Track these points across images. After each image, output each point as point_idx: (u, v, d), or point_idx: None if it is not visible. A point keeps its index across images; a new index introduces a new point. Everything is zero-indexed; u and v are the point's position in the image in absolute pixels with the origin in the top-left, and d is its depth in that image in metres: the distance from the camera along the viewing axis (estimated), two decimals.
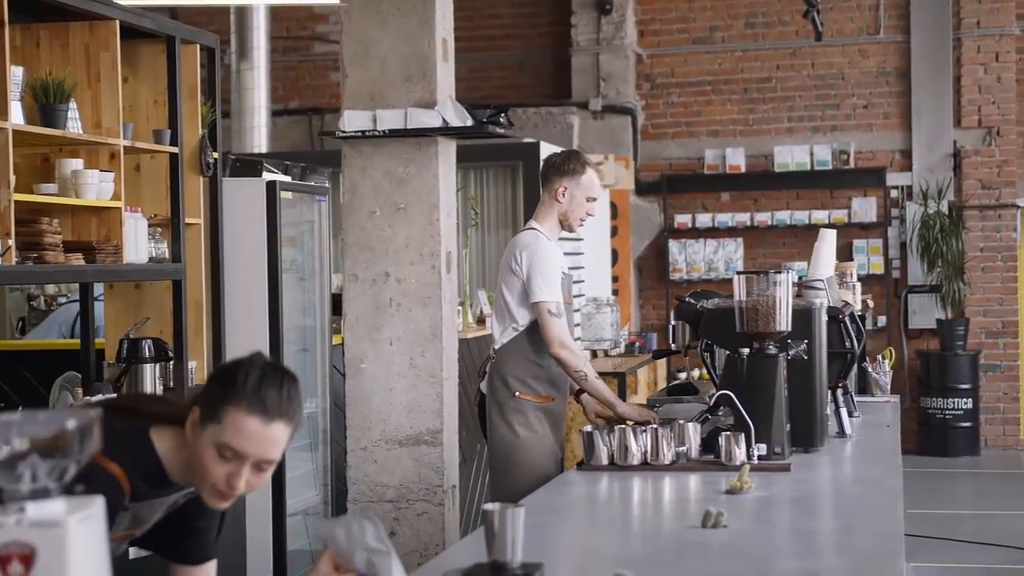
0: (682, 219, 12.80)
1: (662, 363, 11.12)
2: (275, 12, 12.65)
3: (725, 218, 12.71)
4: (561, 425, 5.31)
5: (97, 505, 1.81)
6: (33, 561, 1.72)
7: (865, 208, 12.50)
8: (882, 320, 12.42)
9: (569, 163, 5.26)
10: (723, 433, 4.23)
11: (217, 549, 2.89)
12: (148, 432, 2.66)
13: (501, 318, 5.23)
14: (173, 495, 2.72)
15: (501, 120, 6.04)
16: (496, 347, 5.25)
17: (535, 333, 5.15)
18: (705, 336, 4.77)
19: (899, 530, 3.21)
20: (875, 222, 12.47)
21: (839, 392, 5.05)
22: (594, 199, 5.28)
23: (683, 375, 12.07)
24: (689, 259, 12.81)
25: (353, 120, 5.72)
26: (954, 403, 12.08)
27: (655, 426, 4.32)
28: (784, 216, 12.59)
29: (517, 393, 5.15)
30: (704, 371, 11.81)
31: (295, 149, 12.46)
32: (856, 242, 12.48)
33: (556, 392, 5.21)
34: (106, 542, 1.82)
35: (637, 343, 10.87)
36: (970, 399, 12.10)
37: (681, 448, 4.27)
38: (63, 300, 8.66)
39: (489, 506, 2.72)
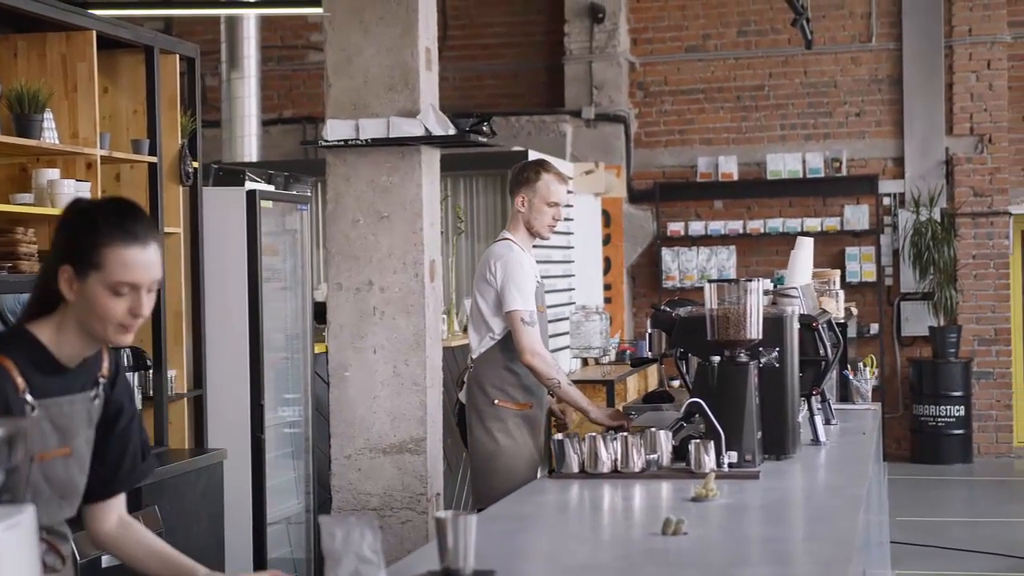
0: (675, 227, 12.82)
1: (653, 371, 11.13)
2: (269, 21, 12.69)
3: (718, 226, 12.73)
4: (540, 432, 5.36)
5: (27, 514, 1.83)
6: None
7: (858, 216, 12.51)
8: (875, 327, 12.43)
9: (524, 172, 5.37)
10: (693, 441, 4.24)
11: (135, 478, 2.90)
12: (24, 327, 2.70)
13: (477, 328, 5.33)
14: (80, 393, 2.73)
15: (484, 129, 6.05)
16: (474, 356, 5.33)
17: (511, 342, 5.20)
18: (678, 344, 4.78)
19: (854, 537, 3.21)
20: (867, 230, 12.48)
21: (814, 400, 5.06)
22: (555, 204, 5.34)
23: (676, 383, 12.08)
24: (682, 267, 12.83)
25: (336, 129, 5.74)
26: (947, 410, 12.08)
27: (626, 434, 4.33)
28: (777, 224, 12.61)
29: (496, 401, 5.22)
30: None
31: (289, 158, 12.49)
32: (848, 250, 12.49)
33: (533, 399, 5.27)
34: (34, 548, 1.84)
35: (628, 351, 10.87)
36: (963, 406, 12.11)
37: (652, 456, 4.28)
38: None
39: (441, 514, 2.74)
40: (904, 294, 12.51)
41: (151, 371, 5.52)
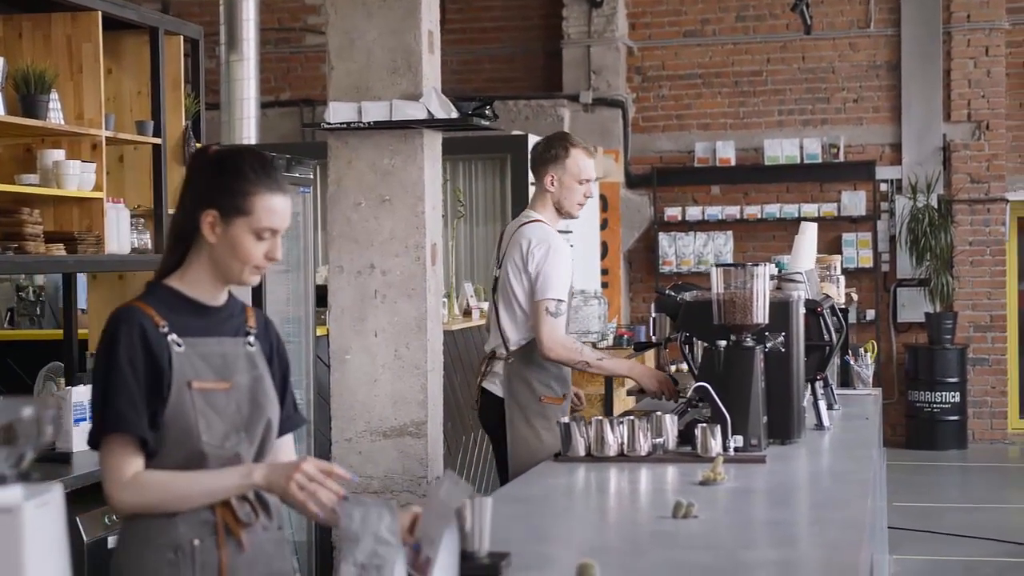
0: (672, 212, 12.83)
1: (651, 355, 11.15)
2: (267, 4, 12.64)
3: (715, 211, 12.74)
4: None
5: (55, 493, 1.83)
6: None
7: (855, 202, 12.52)
8: (871, 313, 12.45)
9: (551, 149, 5.15)
10: (699, 425, 4.25)
11: (294, 422, 3.03)
12: (156, 282, 2.88)
13: (513, 317, 5.09)
14: (232, 338, 2.88)
15: (486, 112, 6.05)
16: (511, 347, 5.10)
17: None
18: (684, 328, 4.77)
19: (864, 521, 3.23)
20: (864, 216, 12.50)
21: (818, 384, 5.07)
22: (587, 180, 5.15)
23: (673, 367, 12.10)
24: (679, 252, 12.84)
25: (339, 112, 5.73)
26: (942, 396, 12.12)
27: (631, 418, 4.33)
28: (774, 209, 12.62)
29: (542, 398, 5.06)
30: None
31: (286, 140, 12.47)
32: (845, 235, 12.51)
33: (567, 390, 5.17)
34: (63, 527, 1.84)
35: (626, 336, 10.89)
36: (958, 393, 12.14)
37: (658, 440, 4.29)
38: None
39: None
40: (900, 280, 12.54)
41: None
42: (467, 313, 8.09)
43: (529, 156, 5.30)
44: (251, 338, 2.92)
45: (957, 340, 12.27)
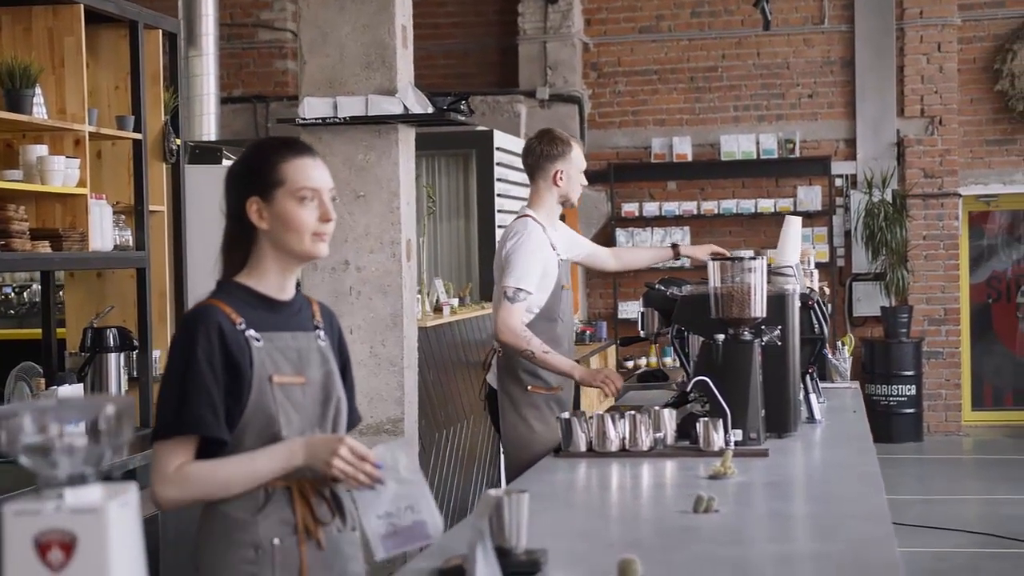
0: (629, 208, 12.84)
1: (612, 351, 11.17)
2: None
3: (672, 207, 12.77)
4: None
5: (132, 492, 1.79)
6: (74, 548, 1.70)
7: (810, 197, 12.60)
8: (827, 308, 12.52)
9: (556, 147, 5.24)
10: (701, 419, 4.24)
11: (351, 421, 2.99)
12: (224, 281, 2.87)
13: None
14: (304, 332, 2.85)
15: (462, 107, 6.04)
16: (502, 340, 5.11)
17: (540, 324, 5.09)
18: (679, 322, 4.77)
19: (886, 513, 3.24)
20: (820, 210, 12.58)
21: (808, 378, 5.08)
22: (583, 168, 5.35)
23: (630, 363, 12.13)
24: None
25: (313, 107, 5.69)
26: (898, 390, 12.23)
27: (632, 413, 4.31)
28: (730, 205, 12.67)
29: (529, 387, 5.11)
30: (655, 359, 11.85)
31: (239, 137, 12.34)
32: (801, 230, 12.55)
33: (564, 381, 5.18)
34: (140, 525, 1.80)
35: (587, 332, 10.91)
36: (913, 386, 12.25)
37: (658, 434, 4.28)
38: (7, 289, 8.54)
39: (494, 492, 2.72)
40: (856, 275, 12.63)
41: (136, 351, 5.44)
42: (438, 309, 8.05)
43: (526, 155, 5.31)
44: (321, 332, 2.90)
45: (912, 334, 12.39)
